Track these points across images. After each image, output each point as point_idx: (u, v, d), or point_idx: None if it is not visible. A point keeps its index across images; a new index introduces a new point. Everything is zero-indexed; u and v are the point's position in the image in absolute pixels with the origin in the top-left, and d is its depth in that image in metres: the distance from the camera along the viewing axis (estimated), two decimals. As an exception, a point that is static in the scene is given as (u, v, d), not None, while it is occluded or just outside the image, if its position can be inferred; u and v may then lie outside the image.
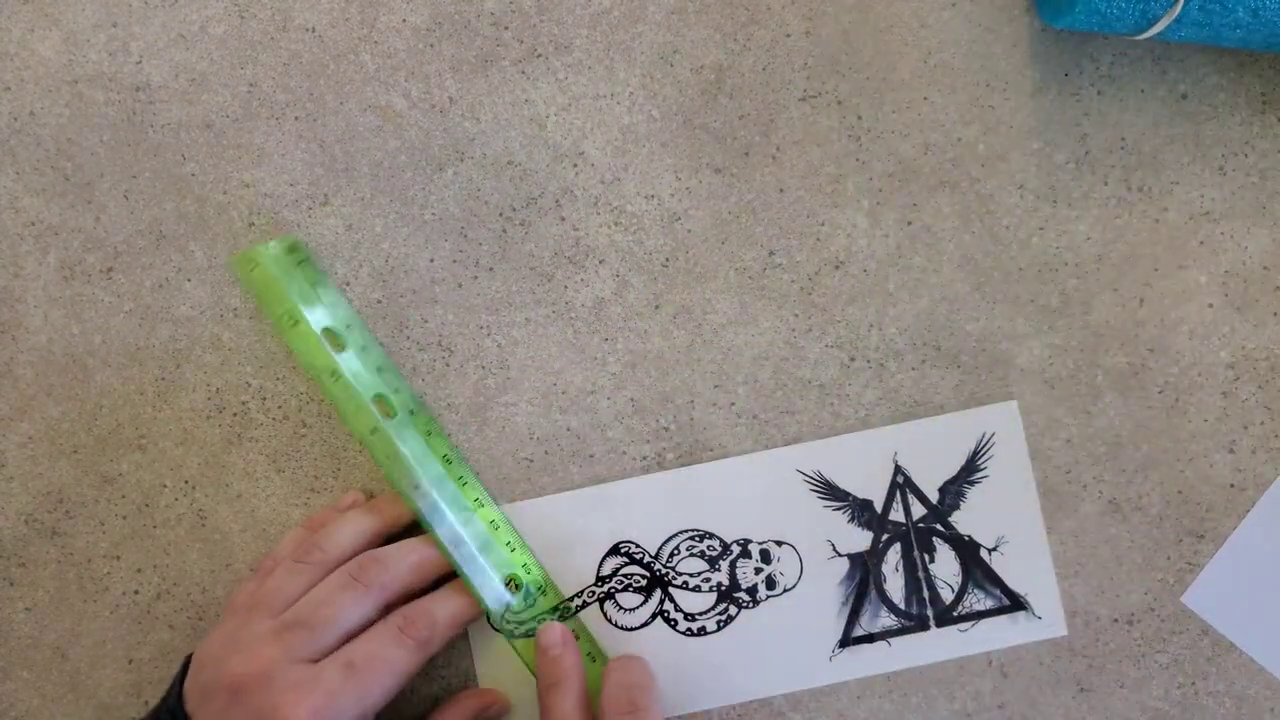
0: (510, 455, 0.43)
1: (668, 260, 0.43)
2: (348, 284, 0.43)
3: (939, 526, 0.42)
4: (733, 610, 0.42)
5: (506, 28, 0.43)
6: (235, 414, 0.43)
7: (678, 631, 0.42)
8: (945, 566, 0.42)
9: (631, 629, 0.42)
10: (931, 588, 0.42)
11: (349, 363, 0.40)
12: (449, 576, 0.40)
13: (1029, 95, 0.43)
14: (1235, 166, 0.43)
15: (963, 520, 0.42)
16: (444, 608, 0.39)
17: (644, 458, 0.42)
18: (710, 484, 0.42)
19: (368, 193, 0.43)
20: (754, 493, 0.42)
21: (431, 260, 0.43)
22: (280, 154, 0.43)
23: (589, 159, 0.43)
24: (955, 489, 0.42)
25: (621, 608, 0.42)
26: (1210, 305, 0.43)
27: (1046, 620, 0.42)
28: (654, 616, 0.42)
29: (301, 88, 0.43)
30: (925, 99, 0.43)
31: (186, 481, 0.43)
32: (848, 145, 0.43)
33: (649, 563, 0.42)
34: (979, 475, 0.42)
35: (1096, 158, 0.43)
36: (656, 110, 0.43)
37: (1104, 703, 0.42)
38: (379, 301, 0.43)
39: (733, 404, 0.42)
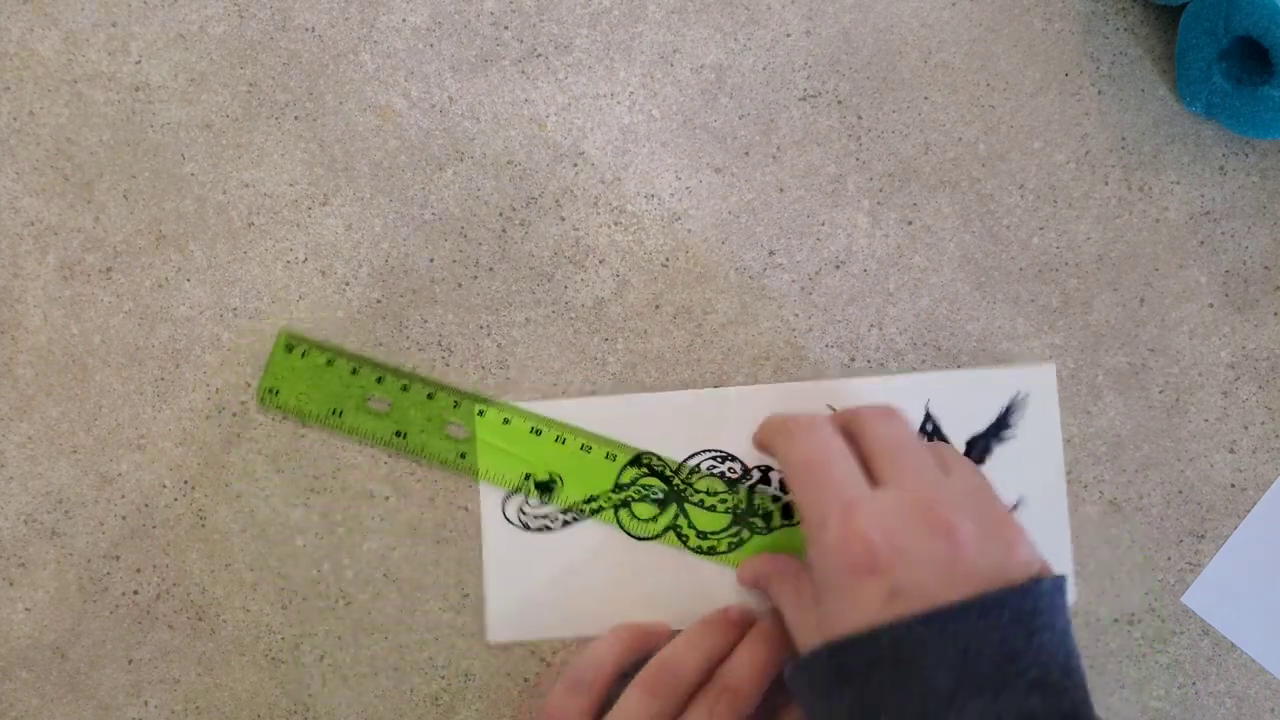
0: (510, 455, 0.43)
1: (668, 260, 0.43)
2: (347, 284, 0.43)
3: None
4: (745, 534, 0.42)
5: (506, 28, 0.43)
6: (235, 414, 0.43)
7: (688, 547, 0.42)
8: None
9: (644, 538, 0.42)
10: None
11: (404, 417, 0.41)
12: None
13: (1029, 95, 0.43)
14: (1235, 166, 0.43)
15: (986, 476, 0.42)
16: None
17: (644, 458, 0.42)
18: (740, 408, 0.42)
19: (368, 193, 0.43)
20: None
21: (431, 260, 0.43)
22: (280, 154, 0.43)
23: (589, 159, 0.43)
24: (983, 444, 0.42)
25: (636, 517, 0.42)
26: (1210, 305, 0.43)
27: None
28: (666, 530, 0.42)
29: (301, 88, 0.43)
30: (925, 99, 0.43)
31: (186, 481, 0.43)
32: (848, 145, 0.43)
33: (668, 477, 0.42)
34: (1008, 433, 0.42)
35: (1096, 158, 0.43)
36: (656, 110, 0.43)
37: (1104, 703, 0.42)
38: (379, 301, 0.43)
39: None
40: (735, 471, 0.42)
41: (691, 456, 0.42)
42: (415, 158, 0.43)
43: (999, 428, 0.42)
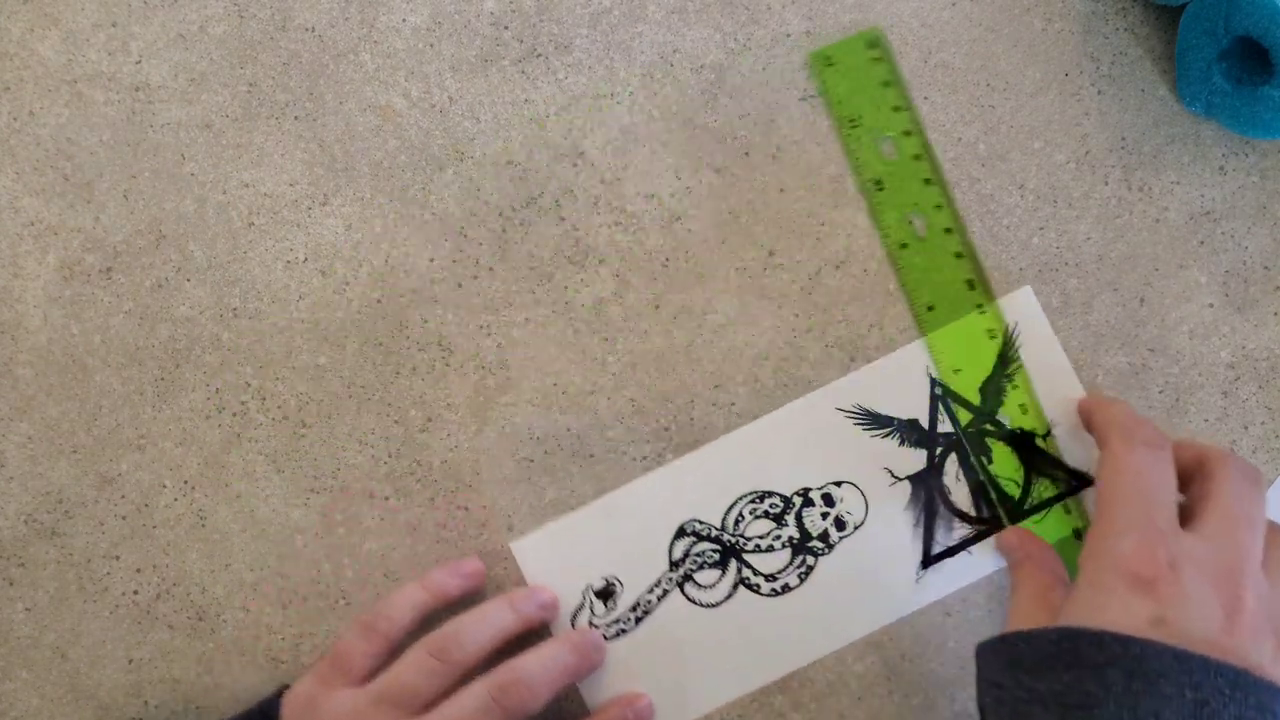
0: (510, 455, 0.43)
1: (668, 260, 0.43)
2: (347, 284, 0.43)
3: (988, 426, 0.42)
4: (810, 560, 0.42)
5: (506, 28, 0.43)
6: (235, 414, 0.43)
7: (762, 595, 0.42)
8: (1005, 464, 0.42)
9: (715, 605, 0.42)
10: (997, 488, 0.42)
11: (892, 174, 0.41)
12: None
13: (1029, 95, 0.43)
14: (1235, 166, 0.43)
15: (1009, 414, 0.42)
16: None
17: (644, 458, 0.42)
18: (756, 444, 0.42)
19: (368, 193, 0.43)
20: (801, 442, 0.42)
21: (431, 260, 0.43)
22: (280, 154, 0.43)
23: (589, 159, 0.43)
24: (995, 386, 0.42)
25: (701, 586, 0.42)
26: (1210, 305, 0.43)
27: None
28: (735, 587, 0.42)
29: (301, 88, 0.43)
30: (925, 99, 0.43)
31: (186, 481, 0.43)
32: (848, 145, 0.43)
33: (717, 535, 0.42)
34: (1014, 367, 0.42)
35: (1096, 158, 0.43)
36: (656, 110, 0.43)
37: (1104, 703, 0.42)
38: (379, 301, 0.43)
39: (733, 404, 0.42)
40: (777, 505, 0.42)
41: (731, 507, 0.42)
42: (415, 158, 0.43)
43: (1004, 365, 0.42)
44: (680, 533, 0.42)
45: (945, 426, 0.42)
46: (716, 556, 0.42)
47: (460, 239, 0.43)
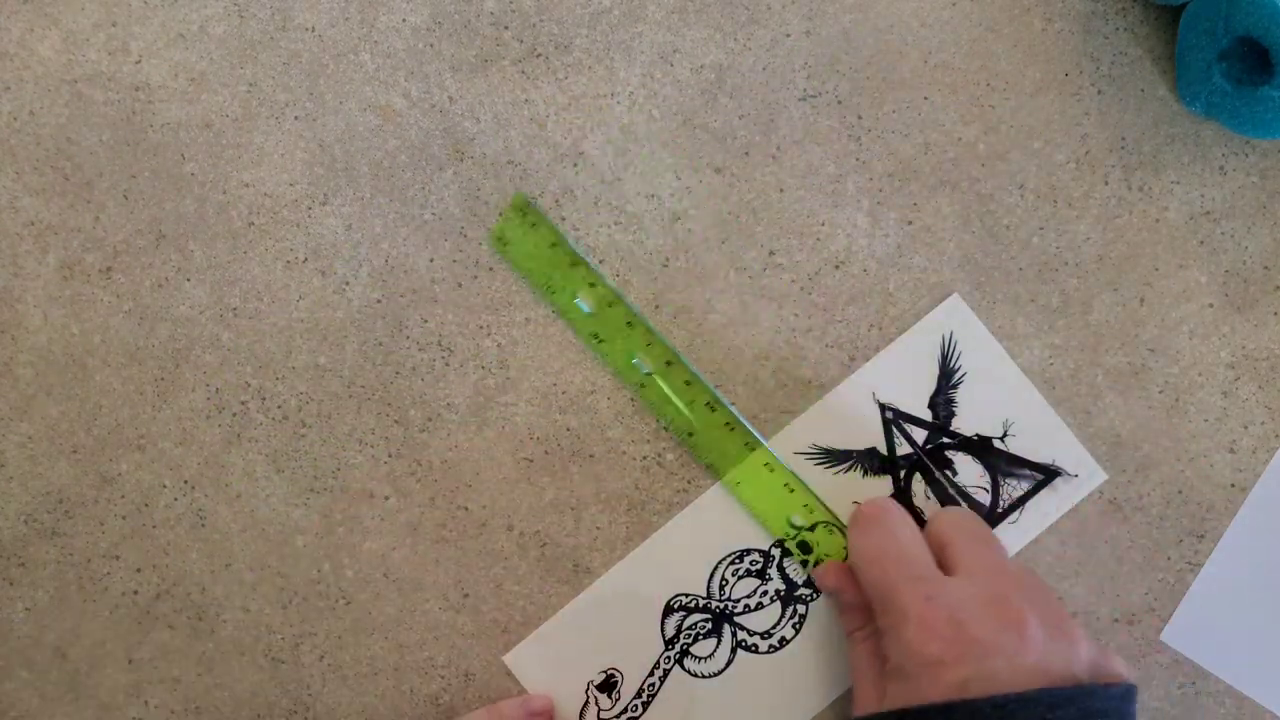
0: (510, 455, 0.43)
1: (668, 260, 0.43)
2: (347, 284, 0.43)
3: (946, 440, 0.42)
4: (801, 609, 0.42)
5: (506, 28, 0.43)
6: (235, 414, 0.43)
7: (761, 654, 0.42)
8: (969, 473, 0.42)
9: (717, 674, 0.42)
10: (967, 498, 0.42)
11: (604, 326, 0.42)
12: None
13: (1029, 95, 0.43)
14: (1235, 166, 0.43)
15: (964, 423, 0.42)
16: None
17: (644, 458, 0.42)
18: (725, 504, 0.42)
19: (368, 193, 0.43)
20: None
21: (431, 260, 0.43)
22: (280, 154, 0.43)
23: (589, 159, 0.43)
24: (943, 399, 0.42)
25: (699, 658, 0.42)
26: (1210, 305, 0.43)
27: (1083, 475, 0.42)
28: (733, 651, 0.42)
29: (301, 87, 0.43)
30: (925, 99, 0.43)
31: (186, 481, 0.43)
32: (848, 145, 0.43)
33: (705, 604, 0.42)
34: (958, 376, 0.42)
35: (1096, 158, 0.43)
36: (656, 110, 0.43)
37: (1104, 703, 0.42)
38: (379, 301, 0.43)
39: (733, 404, 0.42)
40: (757, 562, 0.42)
41: (712, 574, 0.42)
42: (415, 158, 0.43)
43: (947, 377, 0.42)
44: (669, 609, 0.42)
45: (904, 449, 0.42)
46: (709, 625, 0.42)
47: (460, 239, 0.43)
